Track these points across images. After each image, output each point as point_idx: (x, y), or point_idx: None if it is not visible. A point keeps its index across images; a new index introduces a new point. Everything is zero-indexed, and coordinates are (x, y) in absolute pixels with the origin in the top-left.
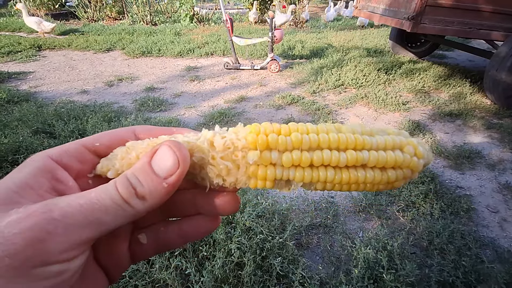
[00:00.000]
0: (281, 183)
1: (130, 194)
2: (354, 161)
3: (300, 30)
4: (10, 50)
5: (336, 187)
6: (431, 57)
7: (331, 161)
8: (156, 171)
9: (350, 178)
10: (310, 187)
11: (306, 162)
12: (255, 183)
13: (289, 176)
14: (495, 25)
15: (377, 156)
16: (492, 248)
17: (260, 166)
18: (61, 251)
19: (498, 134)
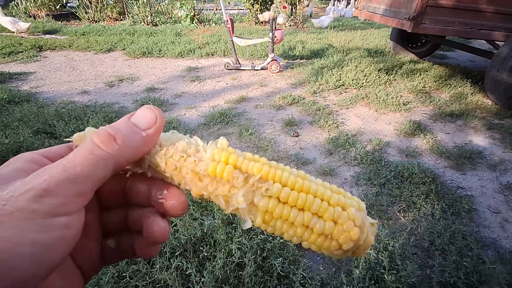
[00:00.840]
0: (240, 176)
1: (108, 141)
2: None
3: (300, 30)
4: (11, 50)
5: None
6: (432, 57)
7: (285, 169)
8: (136, 123)
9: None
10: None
11: (265, 162)
12: (215, 166)
13: (248, 166)
14: (496, 25)
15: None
16: (493, 248)
17: (225, 151)
18: (61, 204)
19: (499, 135)
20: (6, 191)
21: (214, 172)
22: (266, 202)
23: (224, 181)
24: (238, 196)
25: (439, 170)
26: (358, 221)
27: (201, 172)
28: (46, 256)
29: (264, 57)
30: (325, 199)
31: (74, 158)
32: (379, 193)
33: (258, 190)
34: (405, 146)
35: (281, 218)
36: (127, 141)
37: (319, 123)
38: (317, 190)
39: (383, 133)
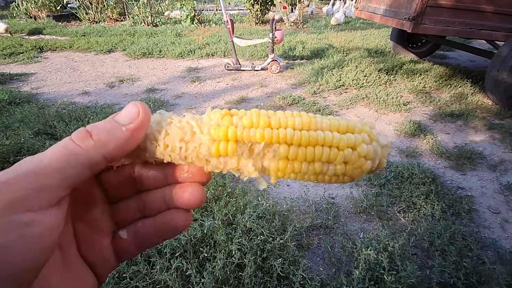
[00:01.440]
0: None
1: (84, 137)
2: (308, 127)
3: (300, 30)
4: (12, 51)
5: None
6: (432, 57)
7: (287, 124)
8: (116, 120)
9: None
10: (271, 154)
11: (264, 123)
12: (218, 146)
13: (249, 135)
14: (496, 25)
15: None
16: (493, 249)
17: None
18: (20, 199)
19: (499, 135)
20: None
21: (218, 153)
22: (276, 164)
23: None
24: (248, 167)
25: (439, 170)
26: (369, 155)
27: (206, 156)
28: (14, 258)
29: (264, 58)
30: (334, 145)
31: (46, 152)
32: (379, 193)
33: (265, 155)
34: (405, 146)
35: (294, 172)
36: (104, 136)
37: None
38: (324, 138)
39: (383, 133)
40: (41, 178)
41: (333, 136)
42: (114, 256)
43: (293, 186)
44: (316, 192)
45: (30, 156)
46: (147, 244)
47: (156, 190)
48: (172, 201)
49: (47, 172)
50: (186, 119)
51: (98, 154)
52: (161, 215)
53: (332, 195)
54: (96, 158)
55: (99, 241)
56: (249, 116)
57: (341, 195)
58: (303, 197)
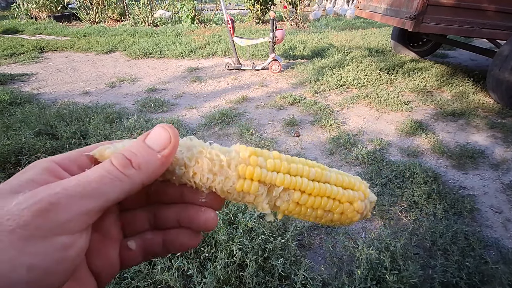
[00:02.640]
0: (264, 188)
1: (125, 164)
2: (319, 178)
3: (301, 30)
4: (13, 52)
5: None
6: (433, 56)
7: (303, 173)
8: (150, 145)
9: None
10: (286, 197)
11: (284, 169)
12: (242, 183)
13: (272, 178)
14: (498, 24)
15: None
16: (496, 248)
17: (248, 166)
18: (66, 221)
19: (501, 134)
20: (14, 202)
21: (241, 189)
22: (287, 206)
23: (250, 193)
24: (263, 204)
25: (440, 169)
26: (361, 209)
27: (229, 190)
28: (43, 282)
29: (265, 57)
30: (337, 198)
31: (91, 174)
32: (380, 193)
33: (280, 197)
34: (407, 145)
35: (299, 213)
36: (143, 165)
37: (320, 123)
38: (331, 191)
39: (384, 132)
40: (87, 202)
41: (338, 191)
42: (119, 263)
43: None
44: None
45: (75, 177)
46: (152, 255)
47: (170, 206)
48: (187, 221)
49: (94, 197)
50: (215, 151)
51: (138, 180)
52: (172, 231)
53: None
54: (136, 184)
55: (108, 249)
56: (273, 160)
57: None
58: None
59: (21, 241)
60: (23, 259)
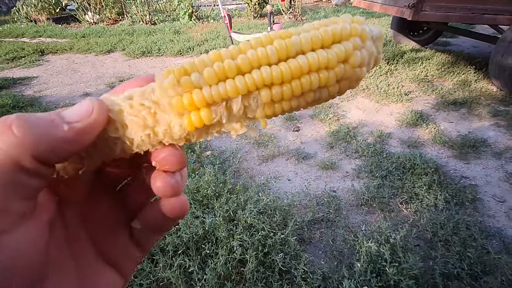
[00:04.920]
0: (219, 109)
1: (3, 129)
2: (286, 53)
3: (300, 23)
4: (14, 56)
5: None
6: (434, 44)
7: (260, 61)
8: (62, 115)
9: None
10: (253, 103)
11: (231, 70)
12: (190, 119)
13: (220, 93)
14: (500, 9)
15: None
16: (498, 238)
17: (183, 94)
18: None
19: (504, 122)
20: None
21: (193, 127)
22: (262, 111)
23: (207, 125)
24: (232, 125)
25: (442, 160)
26: (364, 60)
27: (182, 135)
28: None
29: None
30: (322, 67)
31: None
32: (380, 185)
33: (247, 108)
34: (407, 137)
35: (283, 110)
36: (31, 132)
37: (320, 116)
38: (309, 63)
39: (385, 124)
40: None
41: (319, 57)
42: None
43: (294, 180)
44: (317, 186)
45: None
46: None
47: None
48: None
49: None
50: (136, 101)
51: (24, 155)
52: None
53: (333, 188)
54: (23, 159)
55: (117, 236)
56: (211, 68)
57: (343, 188)
58: (304, 191)
59: None
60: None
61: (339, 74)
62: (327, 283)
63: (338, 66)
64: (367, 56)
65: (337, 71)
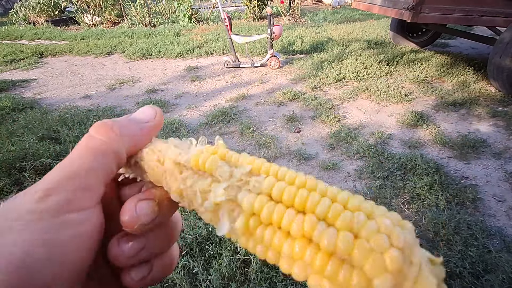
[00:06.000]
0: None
1: (104, 130)
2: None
3: (299, 24)
4: (13, 58)
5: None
6: (433, 46)
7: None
8: (133, 118)
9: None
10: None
11: (253, 159)
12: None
13: (236, 158)
14: (498, 11)
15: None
16: (499, 237)
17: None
18: (66, 201)
19: (503, 122)
20: (18, 200)
21: (197, 162)
22: (252, 198)
23: (206, 175)
24: (218, 188)
25: (442, 160)
26: (397, 238)
27: (183, 162)
28: (63, 256)
29: (263, 54)
30: (339, 201)
31: (71, 155)
32: (382, 185)
33: (245, 185)
34: (408, 137)
35: (271, 223)
36: (124, 130)
37: (321, 117)
38: (326, 189)
39: (385, 125)
40: (79, 181)
41: (339, 192)
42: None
43: None
44: None
45: (59, 163)
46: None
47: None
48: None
49: (82, 174)
50: (191, 139)
51: (121, 147)
52: None
53: None
54: (119, 151)
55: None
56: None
57: (345, 188)
58: None
59: (31, 222)
60: (37, 236)
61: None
62: None
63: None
64: (399, 262)
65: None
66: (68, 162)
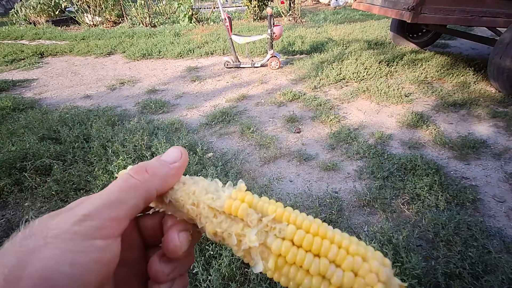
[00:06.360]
0: (254, 216)
1: (140, 171)
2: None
3: (299, 25)
4: (13, 58)
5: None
6: (433, 46)
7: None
8: (164, 159)
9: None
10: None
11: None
12: (230, 204)
13: (263, 206)
14: (498, 11)
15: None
16: (499, 238)
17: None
18: (98, 227)
19: (503, 123)
20: (56, 220)
21: (230, 209)
22: (279, 244)
23: (238, 219)
24: (251, 234)
25: (442, 161)
26: (382, 275)
27: (216, 207)
28: (84, 276)
29: (264, 54)
30: (343, 247)
31: (111, 187)
32: (382, 186)
33: (271, 231)
34: (408, 138)
35: (295, 263)
36: (156, 172)
37: (321, 118)
38: (334, 236)
39: (385, 125)
40: (113, 210)
41: (343, 239)
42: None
43: (296, 182)
44: (319, 187)
45: (100, 192)
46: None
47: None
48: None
49: (117, 205)
50: (216, 180)
51: (152, 187)
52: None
53: (335, 189)
54: (151, 190)
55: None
56: (268, 199)
57: (344, 189)
58: (306, 192)
59: (64, 241)
60: (66, 255)
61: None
62: None
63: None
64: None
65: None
66: (106, 193)
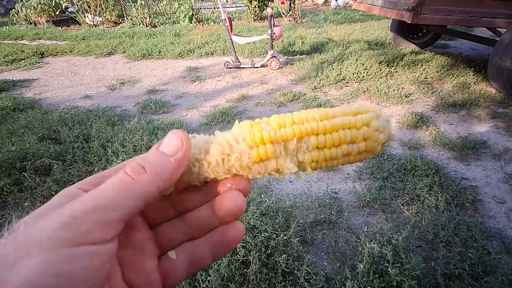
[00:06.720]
0: (279, 147)
1: (138, 171)
2: (326, 117)
3: (299, 25)
4: (13, 58)
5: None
6: (433, 47)
7: (309, 118)
8: (163, 151)
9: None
10: (304, 146)
11: (290, 122)
12: (257, 151)
13: (282, 134)
14: (498, 12)
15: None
16: (499, 239)
17: (256, 133)
18: (86, 232)
19: (503, 123)
20: (41, 223)
21: (259, 158)
22: (310, 155)
23: (270, 158)
24: (287, 164)
25: (442, 161)
26: (381, 128)
27: (248, 163)
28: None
29: (264, 54)
30: (352, 126)
31: (104, 186)
32: (382, 186)
33: (299, 149)
34: (408, 138)
35: (325, 159)
36: (157, 169)
37: None
38: (343, 122)
39: None
40: (104, 213)
41: (349, 119)
42: (161, 280)
43: (296, 182)
44: (319, 187)
45: (92, 191)
46: (198, 265)
47: (200, 209)
48: (216, 213)
49: (110, 208)
50: (219, 136)
51: (154, 187)
52: (213, 233)
53: (335, 189)
54: (152, 191)
55: (144, 265)
56: (275, 119)
57: (344, 189)
58: (306, 193)
59: (48, 251)
60: (49, 266)
61: (365, 133)
62: (330, 284)
63: (363, 127)
64: (383, 126)
65: (363, 130)
66: (98, 193)
